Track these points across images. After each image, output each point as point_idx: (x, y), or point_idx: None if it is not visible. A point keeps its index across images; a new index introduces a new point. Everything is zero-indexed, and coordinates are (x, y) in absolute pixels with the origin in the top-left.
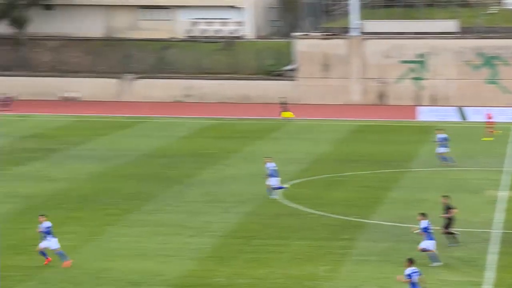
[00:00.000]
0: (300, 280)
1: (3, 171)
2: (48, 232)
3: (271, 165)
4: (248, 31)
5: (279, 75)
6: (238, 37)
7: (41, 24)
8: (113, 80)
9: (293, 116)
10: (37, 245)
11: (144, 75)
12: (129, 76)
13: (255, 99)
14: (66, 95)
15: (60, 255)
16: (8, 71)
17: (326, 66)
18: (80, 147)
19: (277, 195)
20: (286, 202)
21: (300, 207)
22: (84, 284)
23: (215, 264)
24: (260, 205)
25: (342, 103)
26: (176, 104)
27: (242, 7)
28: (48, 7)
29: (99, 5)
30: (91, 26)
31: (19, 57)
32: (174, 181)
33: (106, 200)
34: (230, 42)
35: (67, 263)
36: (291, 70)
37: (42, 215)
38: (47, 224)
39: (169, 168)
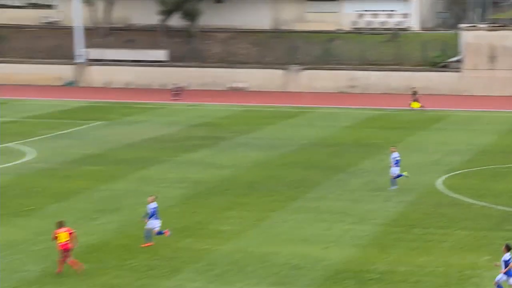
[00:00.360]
0: (460, 269)
1: (173, 158)
2: (153, 213)
3: (395, 155)
4: (413, 23)
5: (444, 66)
6: (403, 29)
7: (212, 17)
8: (279, 71)
9: (421, 106)
10: (203, 228)
11: (309, 66)
12: (295, 67)
13: (419, 90)
14: (233, 85)
15: (159, 234)
16: (180, 62)
17: (492, 57)
18: (246, 136)
19: (396, 186)
20: (448, 192)
21: (462, 198)
22: (249, 267)
23: (376, 251)
24: (422, 195)
25: (509, 95)
26: (341, 95)
27: None
28: (219, 0)
29: None
30: (259, 19)
31: (190, 48)
32: (338, 170)
33: (271, 187)
34: (396, 34)
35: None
36: (457, 61)
37: (152, 196)
38: (153, 205)
39: (333, 156)
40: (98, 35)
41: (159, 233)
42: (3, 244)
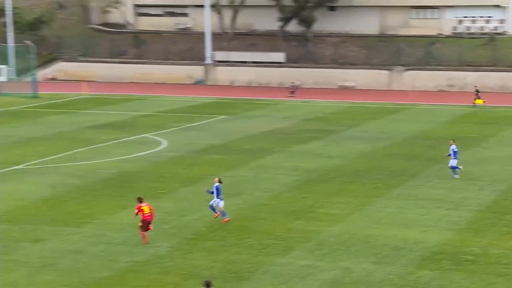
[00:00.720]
0: None
1: (288, 149)
2: (213, 192)
3: (452, 147)
4: (509, 28)
5: None
6: (499, 33)
7: (325, 23)
8: (385, 72)
9: (483, 102)
10: (313, 212)
11: (412, 67)
12: (399, 68)
13: None
14: (343, 84)
15: (211, 209)
16: (296, 63)
17: None
18: (353, 129)
19: (457, 175)
20: None
21: None
22: (354, 247)
23: (471, 235)
24: None
25: None
26: (440, 93)
27: (506, 6)
28: (332, 8)
29: (375, 6)
30: (367, 24)
31: (305, 51)
32: (436, 161)
33: (375, 175)
34: (492, 38)
35: (226, 219)
36: None
37: (217, 178)
38: (216, 184)
39: (432, 149)
40: (224, 39)
41: (212, 208)
42: (137, 223)
